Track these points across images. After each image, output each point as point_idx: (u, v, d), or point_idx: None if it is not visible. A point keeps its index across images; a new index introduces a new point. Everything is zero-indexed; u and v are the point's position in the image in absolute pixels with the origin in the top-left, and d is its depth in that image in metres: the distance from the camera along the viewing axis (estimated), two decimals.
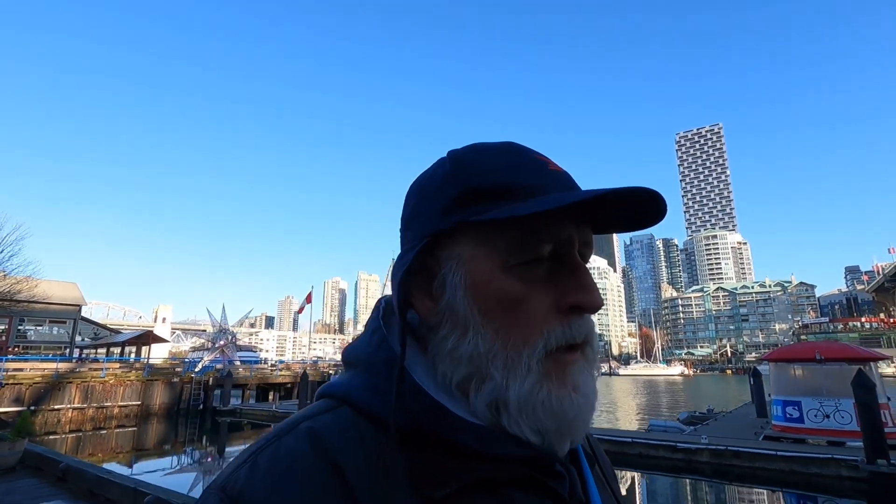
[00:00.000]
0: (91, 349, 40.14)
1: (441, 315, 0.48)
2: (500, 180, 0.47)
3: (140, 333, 36.76)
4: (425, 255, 0.49)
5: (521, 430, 0.44)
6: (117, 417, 22.37)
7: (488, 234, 0.46)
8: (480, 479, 0.42)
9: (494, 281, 0.46)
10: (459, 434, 0.43)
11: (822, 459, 10.03)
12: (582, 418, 0.46)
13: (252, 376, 28.64)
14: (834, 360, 11.99)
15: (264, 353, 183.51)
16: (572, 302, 0.46)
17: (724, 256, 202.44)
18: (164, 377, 25.05)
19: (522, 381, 0.44)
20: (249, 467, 0.41)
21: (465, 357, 0.46)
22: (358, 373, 0.49)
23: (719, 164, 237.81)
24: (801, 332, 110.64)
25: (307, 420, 0.45)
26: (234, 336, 34.82)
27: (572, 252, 0.48)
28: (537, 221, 0.45)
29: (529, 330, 0.45)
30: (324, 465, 0.40)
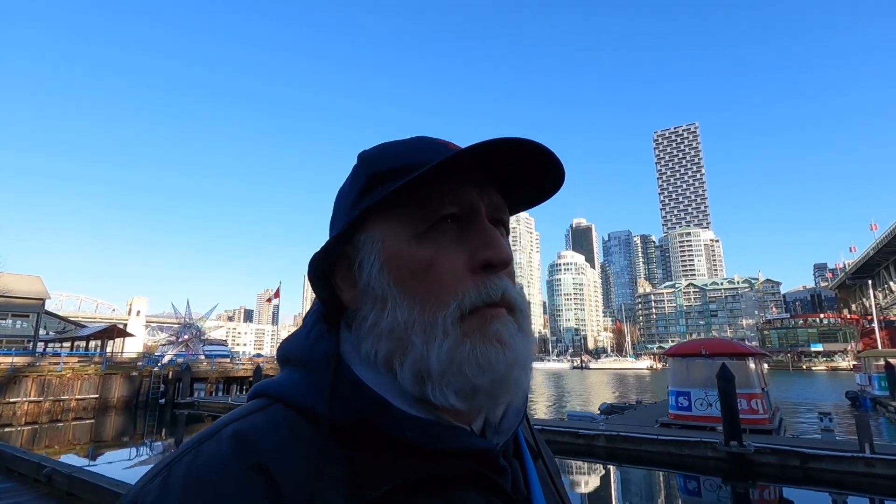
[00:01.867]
0: (56, 343, 40.09)
1: (362, 297, 0.48)
2: (398, 163, 0.48)
3: (105, 327, 36.82)
4: (343, 247, 0.49)
5: (446, 397, 0.43)
6: (74, 410, 22.90)
7: (393, 211, 0.47)
8: (421, 477, 0.41)
9: (405, 251, 0.46)
10: (401, 428, 0.42)
11: (692, 442, 11.40)
12: (513, 372, 0.44)
13: (213, 370, 29.25)
14: (718, 355, 13.41)
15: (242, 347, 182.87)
16: (481, 259, 0.46)
17: (696, 253, 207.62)
18: (123, 371, 25.56)
19: (441, 344, 0.43)
20: (162, 480, 0.38)
21: (385, 330, 0.45)
22: (295, 369, 0.48)
23: (695, 162, 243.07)
24: (765, 327, 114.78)
25: (234, 422, 0.43)
26: (198, 330, 35.32)
27: (479, 214, 0.48)
28: (438, 188, 0.46)
29: (443, 293, 0.44)
30: (248, 470, 0.38)
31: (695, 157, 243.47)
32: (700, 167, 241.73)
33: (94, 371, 24.35)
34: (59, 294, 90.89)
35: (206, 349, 37.47)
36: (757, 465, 10.47)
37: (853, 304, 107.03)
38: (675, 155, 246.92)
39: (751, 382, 12.92)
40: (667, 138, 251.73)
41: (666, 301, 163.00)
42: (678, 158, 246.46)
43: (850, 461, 9.66)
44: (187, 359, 30.64)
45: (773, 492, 9.98)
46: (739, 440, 10.59)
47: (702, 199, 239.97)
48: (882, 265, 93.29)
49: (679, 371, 13.91)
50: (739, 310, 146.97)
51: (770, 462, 10.43)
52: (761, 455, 10.50)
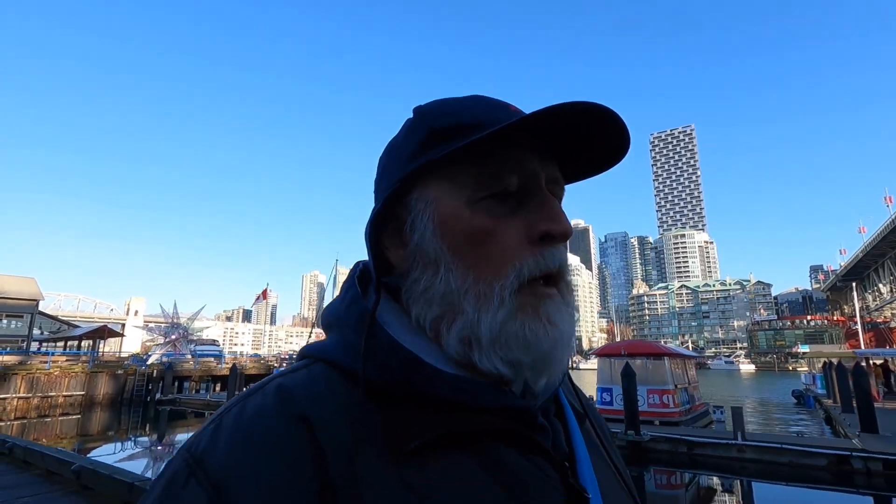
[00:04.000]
0: (49, 343, 41.39)
1: (412, 258, 0.48)
2: (462, 119, 0.47)
3: (96, 328, 38.15)
4: (394, 205, 0.49)
5: (493, 364, 0.44)
6: (62, 406, 24.22)
7: (453, 171, 0.46)
8: (454, 431, 0.41)
9: (462, 216, 0.46)
10: (435, 385, 0.43)
11: None
12: (557, 351, 0.45)
13: (196, 369, 30.62)
14: (636, 355, 14.77)
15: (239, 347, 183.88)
16: (543, 230, 0.45)
17: (691, 255, 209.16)
18: (109, 370, 26.92)
19: (495, 314, 0.43)
20: (215, 427, 0.41)
21: (437, 296, 0.46)
22: (333, 332, 0.49)
23: (690, 164, 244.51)
24: (754, 328, 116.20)
25: (279, 378, 0.45)
26: (185, 331, 36.61)
27: (540, 184, 0.47)
28: (500, 153, 0.45)
29: (501, 262, 0.44)
30: (291, 419, 0.40)
31: (690, 159, 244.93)
32: (696, 169, 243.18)
33: (81, 369, 25.69)
34: (57, 294, 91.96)
35: (199, 349, 38.79)
36: (652, 451, 11.83)
37: (845, 305, 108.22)
38: (671, 157, 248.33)
39: (664, 380, 14.28)
40: (663, 140, 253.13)
41: (659, 302, 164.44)
42: (674, 160, 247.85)
43: (726, 447, 11.02)
44: (174, 358, 31.97)
45: (672, 476, 11.33)
46: (637, 430, 11.95)
47: (697, 201, 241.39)
48: (871, 267, 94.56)
49: (604, 369, 15.24)
50: (731, 311, 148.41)
51: (663, 449, 11.78)
52: (656, 443, 11.86)
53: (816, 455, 10.17)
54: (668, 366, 14.49)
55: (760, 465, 10.59)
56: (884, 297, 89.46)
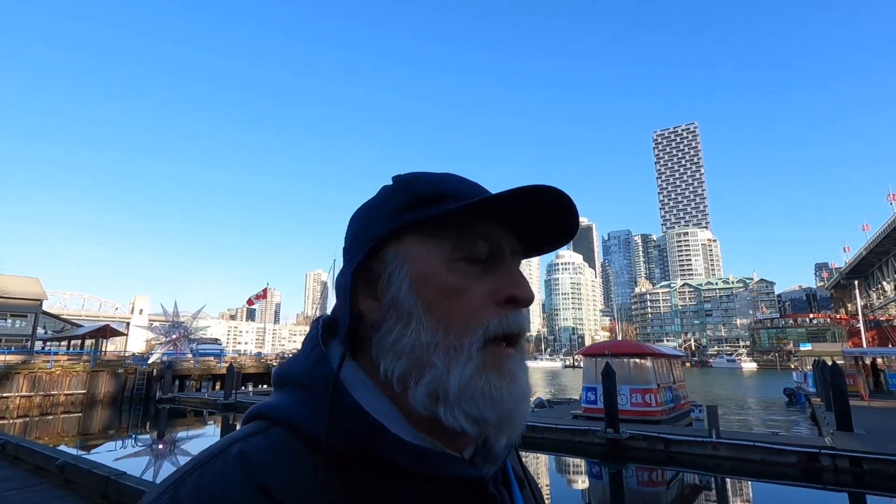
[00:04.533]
0: (53, 342, 42.03)
1: (385, 311, 0.49)
2: (440, 189, 0.51)
3: (99, 327, 38.73)
4: (369, 260, 0.51)
5: (458, 420, 0.45)
6: (63, 404, 24.72)
7: (431, 232, 0.50)
8: (413, 501, 0.43)
9: (439, 274, 0.48)
10: (397, 454, 0.43)
11: (582, 431, 13.04)
12: (519, 409, 0.47)
13: (196, 368, 31.07)
14: (620, 354, 15.04)
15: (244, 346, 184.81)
16: (508, 294, 0.48)
17: (694, 253, 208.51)
18: (109, 368, 27.41)
19: (463, 368, 0.45)
20: (170, 497, 0.40)
21: (406, 348, 0.47)
22: (293, 391, 0.48)
23: (694, 162, 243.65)
24: (756, 326, 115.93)
25: (237, 442, 0.44)
26: (186, 330, 37.08)
27: (505, 254, 0.51)
28: (473, 222, 0.49)
29: (470, 319, 0.47)
30: (254, 491, 0.39)
31: (694, 157, 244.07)
32: (699, 167, 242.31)
33: (83, 368, 26.18)
34: (63, 293, 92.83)
35: (201, 348, 39.26)
36: (631, 449, 12.12)
37: (849, 303, 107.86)
38: (675, 155, 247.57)
39: (647, 379, 14.53)
40: (666, 138, 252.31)
41: (661, 301, 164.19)
42: (677, 158, 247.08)
43: (701, 445, 11.29)
44: (175, 357, 32.43)
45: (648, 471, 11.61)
46: (616, 428, 12.23)
47: (701, 199, 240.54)
48: (875, 265, 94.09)
49: (589, 369, 15.50)
50: (734, 309, 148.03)
51: (641, 446, 12.06)
52: (634, 440, 12.14)
53: (787, 453, 10.43)
54: (651, 365, 14.73)
55: (734, 462, 10.86)
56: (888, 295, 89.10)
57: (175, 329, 36.51)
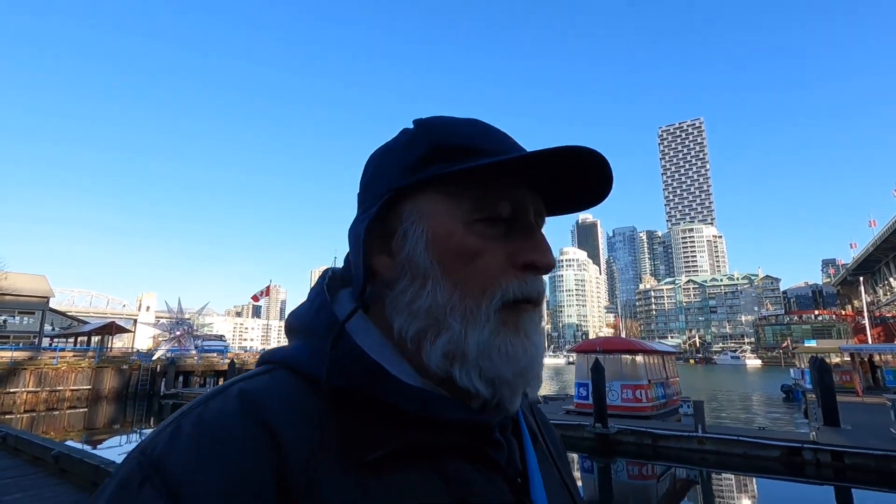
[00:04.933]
0: (60, 339, 42.72)
1: (399, 269, 0.48)
2: (465, 141, 0.48)
3: (104, 324, 39.36)
4: (385, 212, 0.49)
5: (472, 381, 0.45)
6: (69, 400, 25.24)
7: (451, 189, 0.48)
8: (413, 444, 0.42)
9: (456, 234, 0.47)
10: (397, 397, 0.43)
11: (574, 426, 13.22)
12: (533, 366, 0.47)
13: (199, 364, 31.55)
14: (611, 351, 15.22)
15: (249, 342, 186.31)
16: (528, 260, 0.47)
17: (699, 249, 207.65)
18: (114, 365, 27.90)
19: (482, 330, 0.45)
20: (172, 430, 0.40)
21: (422, 309, 0.46)
22: (298, 338, 0.49)
23: (700, 157, 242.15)
24: (760, 323, 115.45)
25: (240, 382, 0.45)
26: (190, 327, 37.65)
27: (528, 216, 0.49)
28: (498, 181, 0.47)
29: (488, 282, 0.46)
30: (254, 425, 0.40)
31: (700, 153, 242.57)
32: (705, 162, 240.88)
33: (88, 364, 26.70)
34: (71, 290, 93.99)
35: (206, 344, 39.83)
36: (619, 443, 12.33)
37: (855, 300, 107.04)
38: (680, 150, 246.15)
39: (638, 375, 14.72)
40: (671, 133, 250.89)
41: (666, 297, 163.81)
42: (683, 154, 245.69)
43: (688, 440, 11.48)
44: (179, 353, 32.95)
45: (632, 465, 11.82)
46: (605, 423, 12.44)
47: (706, 195, 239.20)
48: (882, 261, 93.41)
49: (581, 366, 15.70)
50: (739, 306, 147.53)
51: (629, 441, 12.27)
52: (623, 435, 12.35)
53: (769, 447, 10.60)
54: (642, 362, 14.91)
55: (718, 455, 11.04)
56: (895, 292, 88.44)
57: (179, 326, 37.11)
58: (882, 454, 9.44)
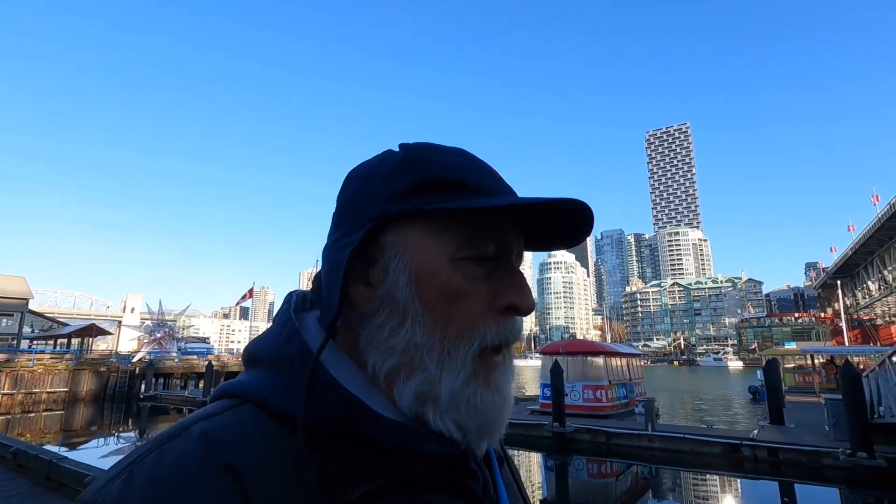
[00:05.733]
0: (40, 340, 42.36)
1: (378, 302, 0.46)
2: (456, 175, 0.47)
3: (85, 325, 39.18)
4: (366, 240, 0.46)
5: (445, 426, 0.43)
6: (45, 402, 25.18)
7: (438, 224, 0.46)
8: (396, 480, 0.41)
9: (441, 272, 0.45)
10: (378, 430, 0.42)
11: (534, 425, 13.73)
12: (501, 419, 0.46)
13: (179, 366, 31.60)
14: (574, 353, 15.77)
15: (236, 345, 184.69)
16: (509, 303, 0.46)
17: (685, 253, 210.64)
18: (92, 367, 27.89)
19: (457, 376, 0.44)
20: (125, 480, 0.36)
21: (399, 347, 0.44)
22: (263, 369, 0.46)
23: (686, 162, 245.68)
24: (742, 325, 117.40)
25: (200, 422, 0.41)
26: (171, 328, 37.58)
27: (511, 256, 0.48)
28: (486, 220, 0.46)
29: (468, 325, 0.44)
30: (217, 471, 0.36)
31: (686, 157, 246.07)
32: (691, 167, 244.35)
33: (65, 367, 26.65)
34: (53, 291, 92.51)
35: (189, 346, 39.72)
36: (575, 441, 12.84)
37: (835, 303, 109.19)
38: (667, 154, 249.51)
39: (600, 376, 15.28)
40: (658, 138, 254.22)
41: (652, 300, 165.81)
42: (669, 158, 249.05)
43: (638, 438, 12.04)
44: (160, 356, 32.92)
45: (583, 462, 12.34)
46: (562, 422, 12.95)
47: (692, 199, 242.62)
48: (861, 265, 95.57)
49: (546, 367, 16.20)
50: (722, 308, 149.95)
51: (585, 439, 12.80)
52: (579, 434, 12.87)
53: (712, 444, 11.18)
54: (604, 363, 15.47)
55: (666, 452, 11.60)
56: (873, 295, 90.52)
57: (160, 328, 37.03)
58: (811, 450, 10.07)
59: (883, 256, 77.36)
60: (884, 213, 62.16)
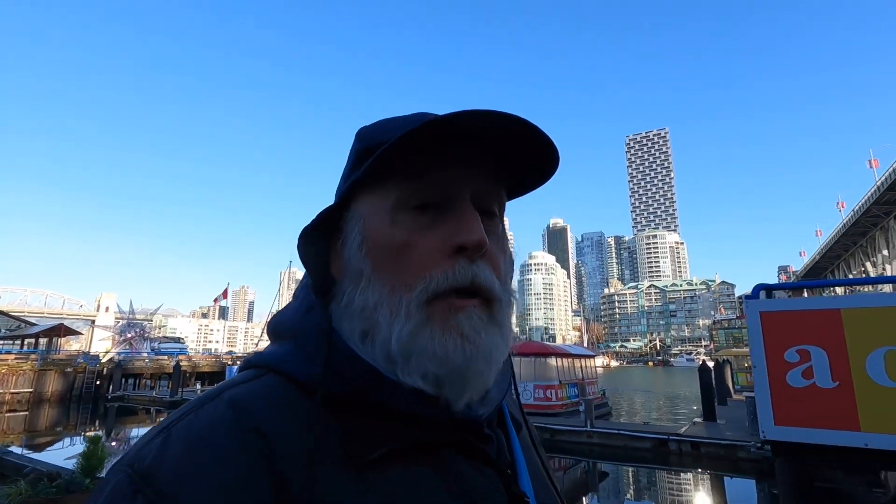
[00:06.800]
0: (7, 341, 41.51)
1: (345, 272, 0.48)
2: (382, 138, 0.46)
3: (52, 325, 38.61)
4: (336, 220, 0.50)
5: (413, 379, 0.43)
6: (9, 403, 25.02)
7: (378, 187, 0.47)
8: (412, 442, 0.42)
9: (383, 230, 0.46)
10: (395, 398, 0.43)
11: None
12: (471, 367, 0.44)
13: (149, 366, 31.54)
14: (527, 354, 16.52)
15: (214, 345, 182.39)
16: (454, 243, 0.44)
17: (662, 255, 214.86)
18: (58, 367, 27.73)
19: (402, 327, 0.43)
20: (162, 440, 0.39)
21: (357, 309, 0.46)
22: (285, 341, 0.49)
23: (664, 166, 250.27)
24: (715, 327, 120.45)
25: (230, 388, 0.44)
26: (142, 328, 37.38)
27: (463, 198, 0.46)
28: (423, 167, 0.45)
29: (413, 276, 0.44)
30: (247, 433, 0.39)
31: (665, 161, 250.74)
32: (669, 171, 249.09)
33: (30, 367, 26.48)
34: (24, 289, 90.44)
35: (163, 346, 39.48)
36: None
37: None
38: (646, 158, 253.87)
39: (550, 376, 16.06)
40: (638, 142, 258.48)
41: (629, 301, 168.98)
42: (649, 162, 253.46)
43: (578, 434, 12.82)
44: (131, 356, 32.77)
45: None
46: None
47: (670, 203, 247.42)
48: (828, 269, 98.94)
49: None
50: (697, 310, 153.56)
51: None
52: None
53: (643, 439, 12.01)
54: (555, 364, 16.25)
55: (603, 447, 12.41)
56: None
57: (130, 328, 36.81)
58: (728, 444, 10.94)
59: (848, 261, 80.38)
60: (848, 219, 64.81)
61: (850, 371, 3.03)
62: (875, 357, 2.98)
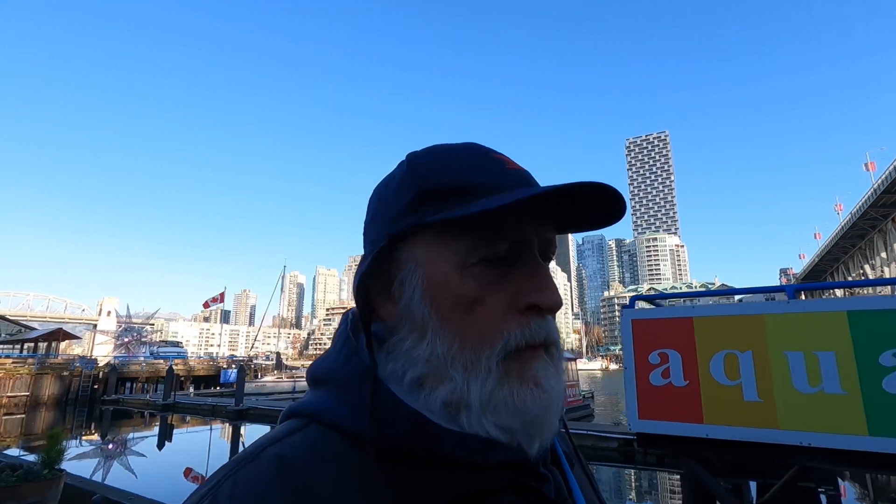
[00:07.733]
0: (6, 345, 42.06)
1: (400, 317, 0.46)
2: (455, 180, 0.45)
3: (52, 330, 39.17)
4: (384, 259, 0.47)
5: (485, 428, 0.42)
6: (6, 406, 25.51)
7: (444, 234, 0.45)
8: (469, 491, 0.41)
9: (451, 282, 0.44)
10: (443, 445, 0.41)
11: None
12: (546, 415, 0.44)
13: (144, 370, 32.06)
14: None
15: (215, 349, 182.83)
16: (530, 302, 0.44)
17: (662, 258, 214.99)
18: (55, 371, 28.23)
19: (484, 383, 0.42)
20: (210, 501, 0.38)
21: (422, 358, 0.44)
22: (328, 390, 0.47)
23: (665, 169, 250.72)
24: None
25: (273, 444, 0.42)
26: (139, 333, 37.97)
27: (531, 251, 0.46)
28: (493, 220, 0.43)
29: (487, 331, 0.43)
30: (293, 491, 0.38)
31: (665, 164, 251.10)
32: (670, 174, 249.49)
33: (27, 371, 26.99)
34: (26, 293, 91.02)
35: (162, 350, 39.97)
36: None
37: None
38: (647, 161, 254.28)
39: None
40: (638, 145, 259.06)
41: None
42: (649, 165, 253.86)
43: None
44: (128, 359, 33.33)
45: None
46: None
47: (671, 206, 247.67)
48: (827, 271, 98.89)
49: None
50: None
51: None
52: None
53: (610, 439, 12.38)
54: None
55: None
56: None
57: (127, 332, 37.40)
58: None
59: (847, 263, 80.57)
60: (845, 222, 65.11)
61: (698, 371, 3.47)
62: (717, 359, 3.42)
